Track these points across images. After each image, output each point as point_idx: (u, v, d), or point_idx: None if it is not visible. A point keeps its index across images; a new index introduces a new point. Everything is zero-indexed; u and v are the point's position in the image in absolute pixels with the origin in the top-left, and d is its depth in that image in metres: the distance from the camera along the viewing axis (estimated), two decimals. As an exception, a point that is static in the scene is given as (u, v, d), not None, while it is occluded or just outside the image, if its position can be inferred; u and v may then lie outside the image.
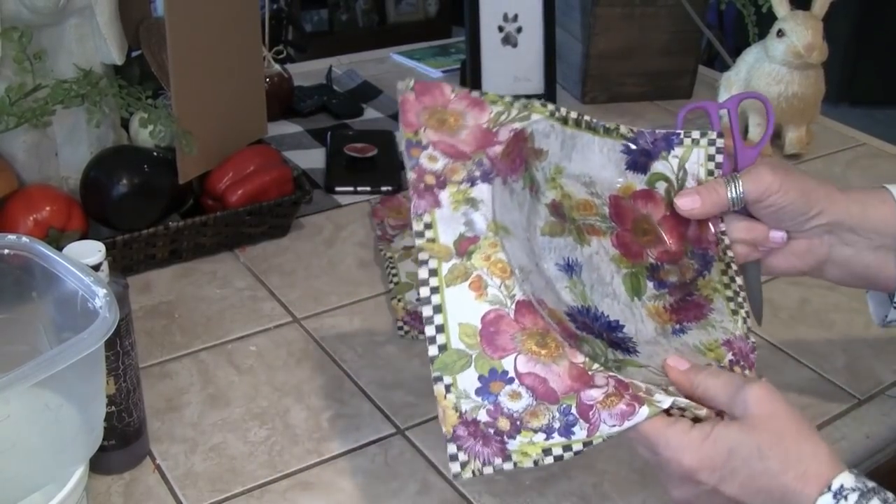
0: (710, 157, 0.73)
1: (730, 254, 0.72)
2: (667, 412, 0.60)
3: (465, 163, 0.66)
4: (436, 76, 1.55)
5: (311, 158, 1.23)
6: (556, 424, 0.60)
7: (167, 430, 0.78)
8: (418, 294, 0.64)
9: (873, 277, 0.73)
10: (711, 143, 0.74)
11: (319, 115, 1.37)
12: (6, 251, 0.65)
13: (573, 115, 0.71)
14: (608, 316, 0.69)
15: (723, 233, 0.72)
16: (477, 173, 0.66)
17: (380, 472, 0.75)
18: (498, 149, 0.68)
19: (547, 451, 0.60)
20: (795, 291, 0.99)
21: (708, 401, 0.62)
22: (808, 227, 0.71)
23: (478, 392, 0.60)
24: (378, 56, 1.64)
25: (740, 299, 0.71)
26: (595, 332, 0.67)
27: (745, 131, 1.27)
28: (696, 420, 0.60)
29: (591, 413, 0.60)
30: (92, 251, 0.66)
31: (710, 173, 0.73)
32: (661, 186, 0.74)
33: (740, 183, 0.70)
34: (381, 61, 1.62)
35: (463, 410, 0.60)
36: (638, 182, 0.73)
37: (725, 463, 0.58)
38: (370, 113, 1.40)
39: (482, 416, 0.60)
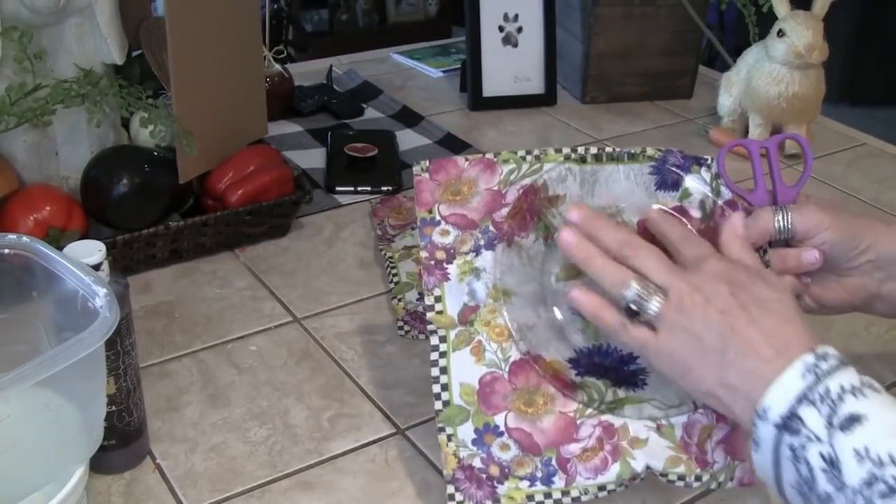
0: None
1: (766, 258, 0.73)
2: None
3: (472, 232, 0.73)
4: (436, 76, 1.55)
5: (312, 158, 1.23)
6: (539, 474, 0.68)
7: (167, 429, 0.78)
8: (421, 302, 0.71)
9: None
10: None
11: (320, 114, 1.37)
12: (6, 251, 0.65)
13: (593, 150, 0.75)
14: (621, 350, 0.73)
15: (763, 251, 0.74)
16: (482, 241, 0.73)
17: (380, 472, 0.75)
18: (504, 211, 0.74)
19: (530, 497, 0.67)
20: (796, 291, 0.99)
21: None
22: (859, 264, 0.72)
23: (473, 442, 0.69)
24: (378, 56, 1.64)
25: None
26: (603, 370, 0.72)
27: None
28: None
29: (568, 465, 0.68)
30: (92, 251, 0.66)
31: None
32: (694, 200, 0.75)
33: (789, 215, 0.72)
34: (382, 61, 1.62)
35: (461, 457, 0.68)
36: (670, 199, 0.75)
37: (742, 274, 0.63)
38: (370, 113, 1.40)
39: (476, 463, 0.68)
